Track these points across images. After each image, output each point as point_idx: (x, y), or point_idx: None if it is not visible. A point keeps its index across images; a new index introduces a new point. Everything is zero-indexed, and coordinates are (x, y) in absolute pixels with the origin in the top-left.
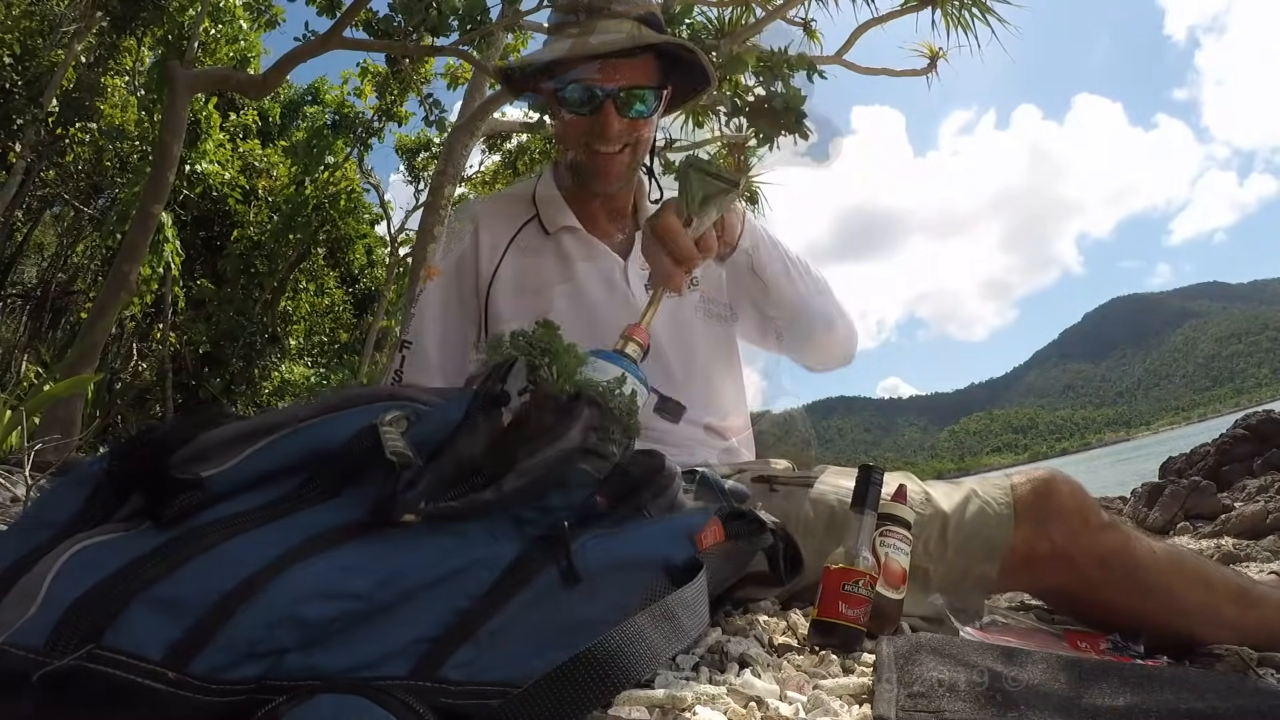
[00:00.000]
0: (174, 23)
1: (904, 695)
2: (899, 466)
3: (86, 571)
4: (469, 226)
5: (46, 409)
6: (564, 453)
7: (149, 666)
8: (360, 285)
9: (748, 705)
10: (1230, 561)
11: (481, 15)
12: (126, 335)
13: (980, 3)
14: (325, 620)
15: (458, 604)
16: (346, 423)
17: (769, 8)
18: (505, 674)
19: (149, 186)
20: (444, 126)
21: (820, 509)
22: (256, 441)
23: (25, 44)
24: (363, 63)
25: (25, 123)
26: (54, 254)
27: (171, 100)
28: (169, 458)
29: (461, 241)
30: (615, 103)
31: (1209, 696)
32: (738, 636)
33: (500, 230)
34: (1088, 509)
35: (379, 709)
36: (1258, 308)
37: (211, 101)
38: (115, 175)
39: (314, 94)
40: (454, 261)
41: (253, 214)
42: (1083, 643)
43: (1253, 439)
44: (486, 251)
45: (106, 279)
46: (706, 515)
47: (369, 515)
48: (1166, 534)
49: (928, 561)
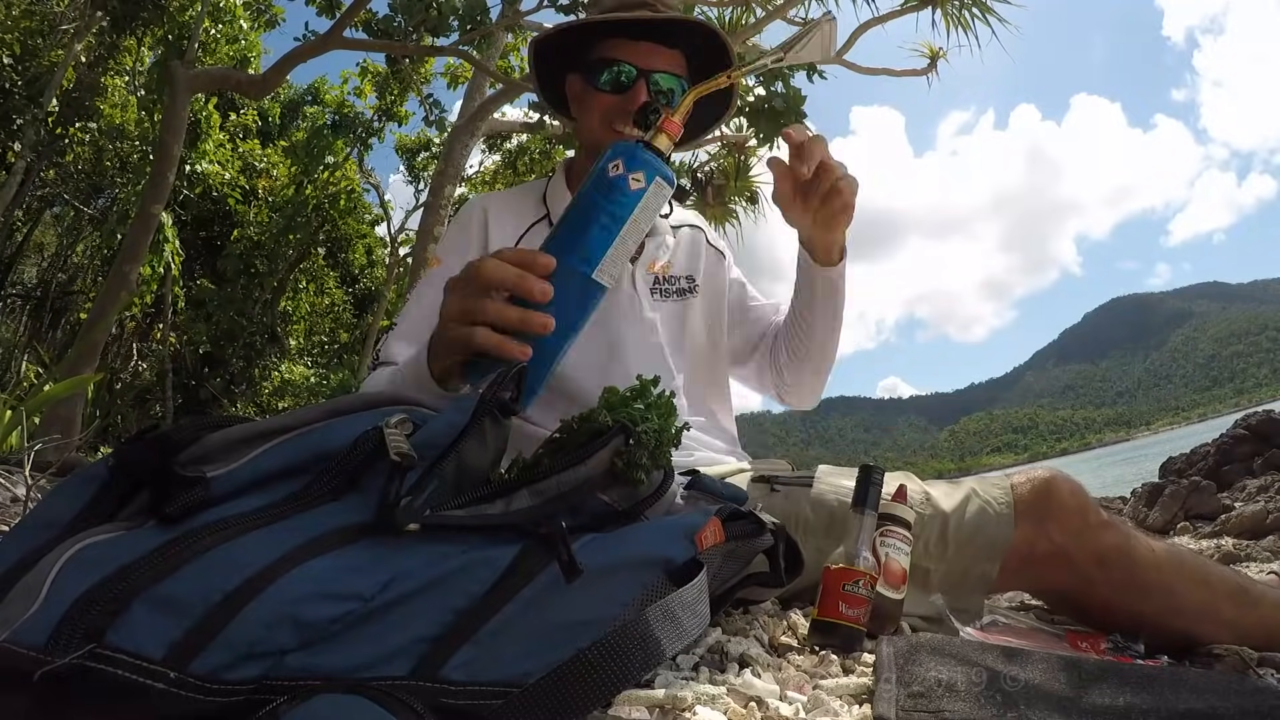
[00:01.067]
0: (174, 23)
1: (904, 695)
2: (899, 466)
3: (88, 570)
4: (478, 219)
5: (46, 409)
6: (585, 478)
7: (150, 666)
8: (360, 285)
9: (748, 705)
10: (1230, 561)
11: (481, 15)
12: (126, 335)
13: (980, 3)
14: (326, 621)
15: (458, 604)
16: (351, 426)
17: (769, 8)
18: (506, 674)
19: (149, 186)
20: (444, 126)
21: (820, 509)
22: (262, 443)
23: (25, 44)
24: (363, 63)
25: (25, 123)
26: (54, 254)
27: (171, 100)
28: (174, 456)
29: (467, 234)
30: (647, 83)
31: (1209, 696)
32: (738, 636)
33: (509, 227)
34: (1087, 508)
35: (379, 709)
36: (1258, 308)
37: (211, 101)
38: (115, 175)
39: (314, 94)
40: (459, 253)
41: (253, 214)
42: (1083, 643)
43: (1253, 439)
44: (494, 246)
45: (106, 279)
46: (706, 515)
47: (372, 518)
48: (1166, 534)
49: (928, 561)
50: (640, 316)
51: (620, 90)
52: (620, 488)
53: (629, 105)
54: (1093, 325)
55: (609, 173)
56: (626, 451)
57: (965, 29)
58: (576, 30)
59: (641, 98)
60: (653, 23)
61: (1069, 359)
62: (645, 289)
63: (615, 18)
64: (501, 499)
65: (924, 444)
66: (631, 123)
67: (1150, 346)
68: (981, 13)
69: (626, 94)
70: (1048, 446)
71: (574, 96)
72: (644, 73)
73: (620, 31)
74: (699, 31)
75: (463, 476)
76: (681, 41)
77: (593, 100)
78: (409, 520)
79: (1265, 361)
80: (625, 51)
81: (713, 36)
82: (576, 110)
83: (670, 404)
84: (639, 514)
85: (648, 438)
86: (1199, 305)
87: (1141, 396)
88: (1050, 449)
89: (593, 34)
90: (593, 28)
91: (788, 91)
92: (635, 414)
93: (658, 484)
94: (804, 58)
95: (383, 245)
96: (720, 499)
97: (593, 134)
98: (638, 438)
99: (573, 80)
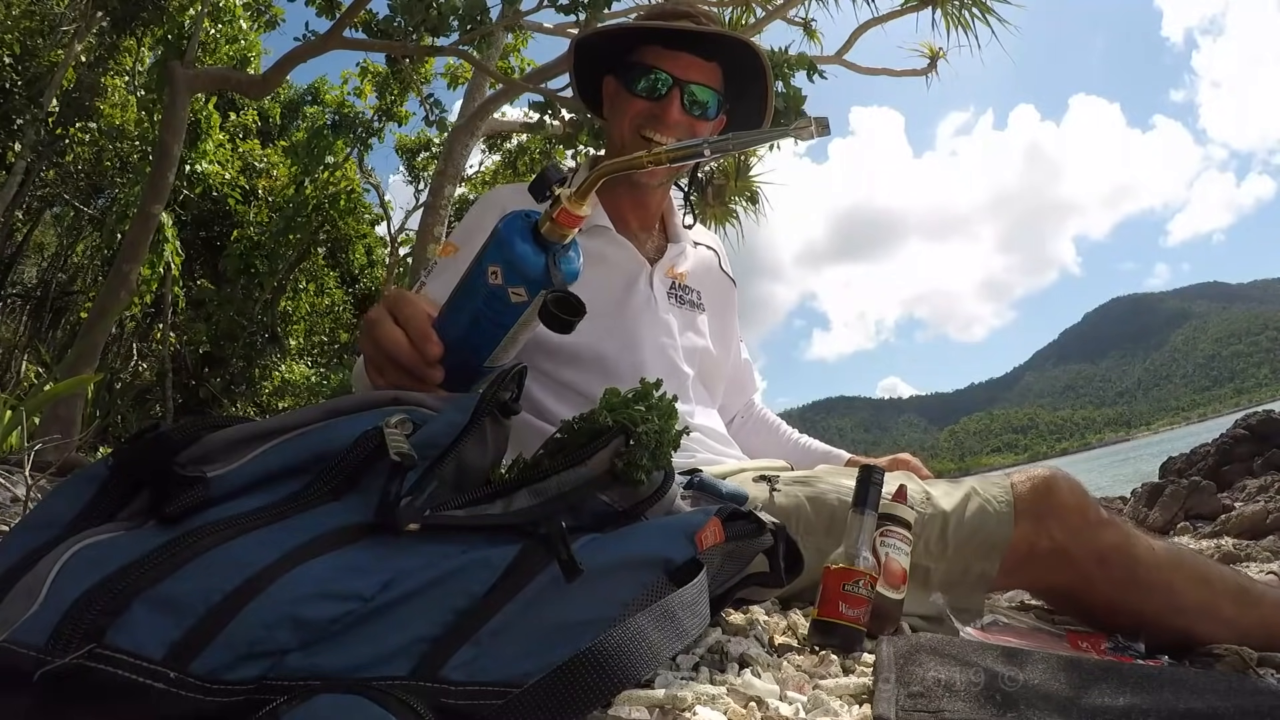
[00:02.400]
0: (174, 23)
1: (904, 695)
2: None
3: (88, 570)
4: (495, 211)
5: (46, 409)
6: (585, 479)
7: (150, 666)
8: (360, 285)
9: (748, 705)
10: (1230, 561)
11: (481, 15)
12: (126, 335)
13: (980, 3)
14: (326, 621)
15: (458, 604)
16: (352, 426)
17: (769, 8)
18: (506, 674)
19: (149, 186)
20: (444, 126)
21: (820, 509)
22: (262, 443)
23: (25, 44)
24: (363, 63)
25: (25, 123)
26: (54, 254)
27: (171, 100)
28: (174, 456)
29: (485, 224)
30: (681, 93)
31: (1209, 696)
32: (738, 636)
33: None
34: (1087, 507)
35: (379, 709)
36: (1258, 307)
37: (211, 101)
38: (115, 175)
39: (314, 94)
40: (473, 247)
41: (253, 214)
42: (1084, 643)
43: (1253, 439)
44: None
45: (106, 279)
46: (706, 515)
47: (373, 518)
48: (1166, 534)
49: (928, 560)
50: (656, 316)
51: (655, 97)
52: (620, 488)
53: (661, 113)
54: (1093, 325)
55: (488, 279)
56: (627, 452)
57: (965, 29)
58: (619, 36)
59: (674, 110)
60: (694, 35)
61: (1069, 359)
62: (663, 291)
63: (658, 26)
64: (501, 499)
65: (924, 444)
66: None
67: (1150, 346)
68: (981, 13)
69: (660, 101)
70: (1048, 446)
71: (609, 97)
72: (680, 82)
73: (661, 40)
74: (738, 48)
75: (463, 476)
76: (720, 55)
77: (626, 104)
78: (409, 520)
79: (1265, 361)
80: (663, 60)
81: (752, 56)
82: (609, 111)
83: (671, 407)
84: (639, 514)
85: (648, 438)
86: (1199, 305)
87: (1141, 396)
88: (1050, 449)
89: (634, 40)
90: (634, 34)
91: (788, 91)
92: (636, 415)
93: (658, 485)
94: (770, 139)
95: (383, 245)
96: (720, 498)
97: (621, 137)
98: (638, 438)
99: (609, 81)
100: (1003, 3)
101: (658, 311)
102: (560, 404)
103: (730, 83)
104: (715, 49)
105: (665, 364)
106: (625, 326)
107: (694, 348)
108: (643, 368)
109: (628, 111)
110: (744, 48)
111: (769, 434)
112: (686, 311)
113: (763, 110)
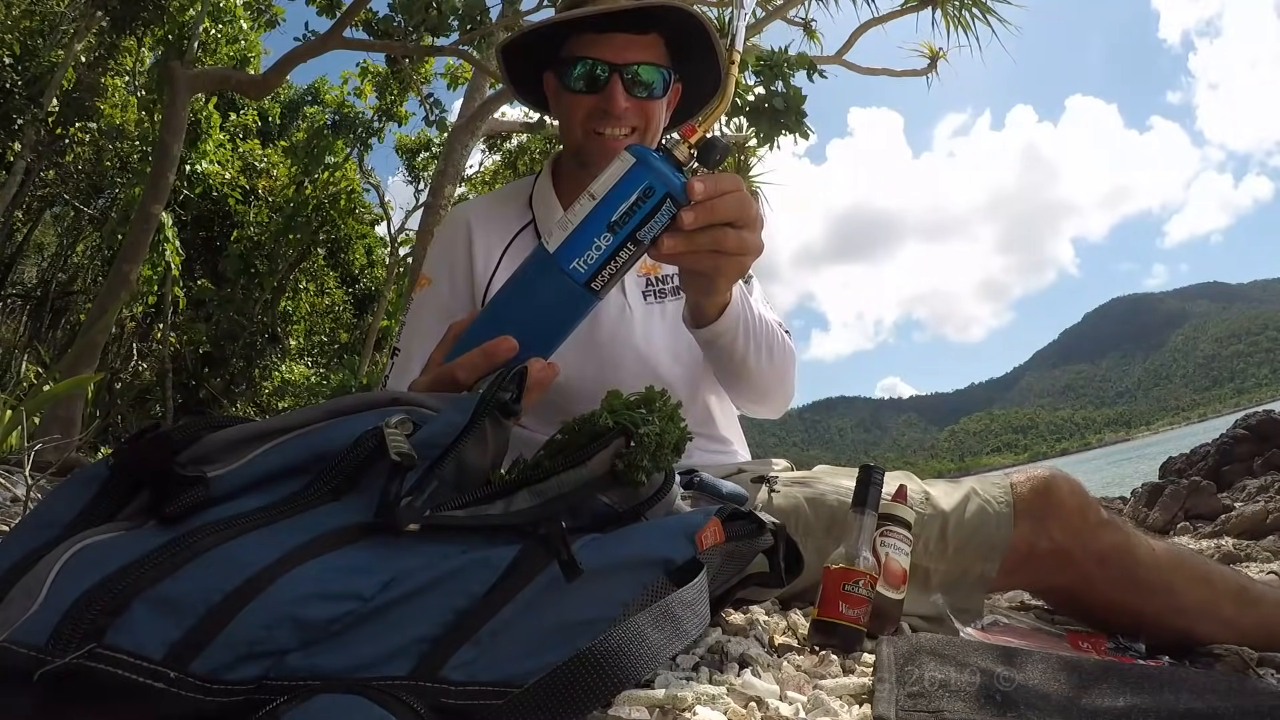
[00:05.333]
0: (174, 23)
1: (903, 695)
2: (899, 466)
3: (88, 570)
4: (462, 235)
5: (46, 409)
6: (585, 480)
7: (150, 666)
8: (360, 285)
9: (748, 705)
10: (1230, 561)
11: (481, 15)
12: (126, 335)
13: (980, 3)
14: (326, 621)
15: (458, 604)
16: (352, 426)
17: (769, 8)
18: (506, 674)
19: (149, 186)
20: (444, 126)
21: (820, 509)
22: (262, 444)
23: (25, 44)
24: (363, 63)
25: (25, 123)
26: (54, 254)
27: (171, 100)
28: (175, 456)
29: (453, 251)
30: (622, 79)
31: (1209, 696)
32: (738, 636)
33: (494, 235)
34: (1087, 507)
35: (379, 709)
36: (1258, 307)
37: (211, 101)
38: (115, 175)
39: (314, 94)
40: (446, 269)
41: (253, 214)
42: (1084, 643)
43: (1253, 439)
44: (481, 257)
45: (106, 279)
46: (706, 515)
47: (373, 518)
48: (1167, 534)
49: (928, 561)
50: (632, 327)
51: (596, 88)
52: (620, 489)
53: (607, 105)
54: (1092, 325)
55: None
56: (627, 453)
57: (965, 29)
58: (547, 31)
59: (619, 99)
60: (621, 12)
61: (1068, 359)
62: (637, 294)
63: (579, 14)
64: (502, 499)
65: (923, 444)
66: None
67: (1150, 346)
68: (981, 13)
69: (603, 92)
70: (1048, 446)
71: (551, 96)
72: (617, 67)
73: (591, 26)
74: (671, 13)
75: (463, 477)
76: (657, 25)
77: (569, 102)
78: (409, 520)
79: (1265, 361)
80: (596, 46)
81: (686, 16)
82: (555, 111)
83: (675, 411)
84: (639, 515)
85: (648, 440)
86: (1198, 305)
87: (1141, 396)
88: (1050, 449)
89: (565, 31)
90: (560, 25)
91: (788, 91)
92: (636, 417)
93: (658, 486)
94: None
95: (383, 245)
96: (720, 498)
97: (574, 137)
98: (639, 440)
99: (548, 79)
100: (1003, 3)
101: (634, 322)
102: (543, 423)
103: (675, 49)
104: (649, 21)
105: (647, 376)
106: (599, 347)
107: (680, 340)
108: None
109: (573, 110)
110: (676, 11)
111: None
112: (672, 303)
113: (715, 66)
